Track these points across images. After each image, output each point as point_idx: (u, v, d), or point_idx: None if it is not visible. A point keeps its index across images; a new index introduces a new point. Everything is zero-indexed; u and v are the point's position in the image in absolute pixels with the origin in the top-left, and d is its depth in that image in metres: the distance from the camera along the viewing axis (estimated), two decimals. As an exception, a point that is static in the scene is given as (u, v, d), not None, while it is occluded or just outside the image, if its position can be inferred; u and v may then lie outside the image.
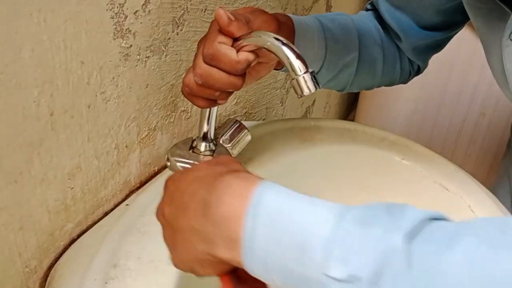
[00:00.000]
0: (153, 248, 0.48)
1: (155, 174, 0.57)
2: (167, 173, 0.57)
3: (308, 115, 1.00)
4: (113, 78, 0.45)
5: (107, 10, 0.42)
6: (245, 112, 0.75)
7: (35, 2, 0.35)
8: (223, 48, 0.42)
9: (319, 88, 0.43)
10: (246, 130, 0.56)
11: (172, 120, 0.57)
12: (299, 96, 0.43)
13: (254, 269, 0.31)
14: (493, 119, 1.06)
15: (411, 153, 0.67)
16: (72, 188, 0.45)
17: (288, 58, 0.42)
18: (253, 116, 0.77)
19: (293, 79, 0.43)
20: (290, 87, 0.87)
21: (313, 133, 0.69)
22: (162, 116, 0.55)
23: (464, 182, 0.63)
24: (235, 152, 0.55)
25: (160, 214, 0.36)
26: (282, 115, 0.87)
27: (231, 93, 0.46)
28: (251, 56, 0.43)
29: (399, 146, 0.68)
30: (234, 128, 0.55)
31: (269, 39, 0.43)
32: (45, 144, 0.40)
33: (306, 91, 0.42)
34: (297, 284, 0.30)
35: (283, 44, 0.43)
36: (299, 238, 0.29)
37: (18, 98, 0.37)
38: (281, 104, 0.86)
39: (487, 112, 1.05)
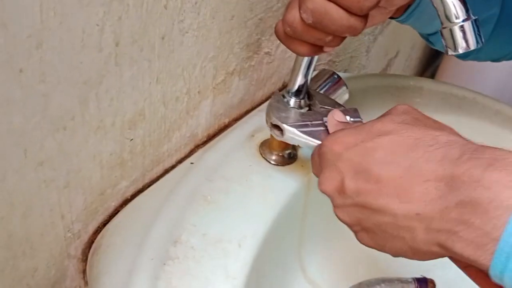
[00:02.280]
0: (221, 224, 0.38)
1: (225, 127, 0.47)
2: (240, 126, 0.47)
3: (389, 68, 0.87)
4: (196, 3, 0.34)
5: None
6: (328, 60, 0.63)
7: None
8: None
9: (482, 44, 0.31)
10: (344, 87, 0.45)
11: (252, 63, 0.46)
12: (448, 53, 0.31)
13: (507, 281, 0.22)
14: None
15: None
16: (131, 140, 0.36)
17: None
18: (336, 65, 0.65)
19: (444, 27, 0.31)
20: (379, 34, 0.74)
21: (412, 95, 0.57)
22: (243, 58, 0.44)
23: None
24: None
25: (338, 190, 0.30)
26: (365, 66, 0.75)
27: (344, 38, 0.34)
28: None
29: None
30: (332, 82, 0.44)
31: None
32: (105, 82, 0.31)
33: (462, 46, 0.31)
34: None
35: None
36: None
37: (78, 19, 0.27)
38: (366, 53, 0.73)
39: None
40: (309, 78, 0.40)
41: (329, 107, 0.41)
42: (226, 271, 0.36)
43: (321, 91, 0.44)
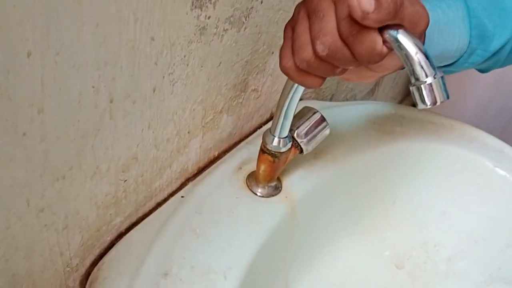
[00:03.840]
0: (209, 256, 0.41)
1: (215, 159, 0.50)
2: (228, 160, 0.50)
3: (376, 88, 0.90)
4: (185, 56, 0.37)
5: (188, -25, 0.33)
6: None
7: (105, -36, 0.27)
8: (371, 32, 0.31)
9: (447, 99, 0.34)
10: (325, 123, 0.48)
11: (240, 100, 0.49)
12: (418, 107, 0.34)
13: None
14: None
15: (507, 161, 0.58)
16: (125, 181, 0.39)
17: (408, 58, 0.33)
18: (323, 91, 0.68)
19: (413, 85, 0.34)
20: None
21: (393, 123, 0.60)
22: (231, 97, 0.47)
23: None
24: (309, 148, 0.47)
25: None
26: (352, 88, 0.78)
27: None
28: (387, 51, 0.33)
29: (493, 150, 0.59)
30: (314, 120, 0.47)
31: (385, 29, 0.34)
32: (100, 134, 0.34)
33: (431, 102, 0.34)
34: None
35: (399, 33, 0.33)
36: None
37: (75, 83, 0.30)
38: (352, 79, 0.76)
39: None
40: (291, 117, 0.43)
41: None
42: (212, 302, 0.39)
43: (304, 128, 0.47)
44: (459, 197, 0.60)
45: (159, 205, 0.45)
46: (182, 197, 0.46)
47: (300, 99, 0.44)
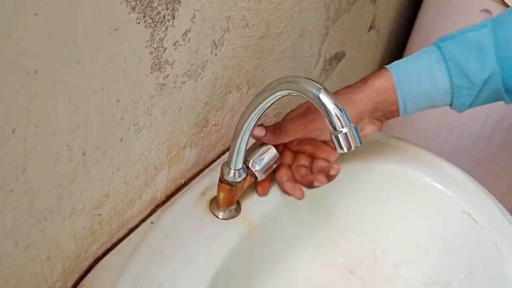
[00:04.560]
0: (175, 275, 0.48)
1: (181, 187, 0.57)
2: (193, 187, 0.57)
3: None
4: (147, 109, 0.44)
5: (146, 47, 0.40)
6: (276, 113, 0.73)
7: (74, 53, 0.34)
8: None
9: (360, 145, 0.41)
10: (276, 153, 0.55)
11: (202, 135, 0.55)
12: (338, 152, 0.42)
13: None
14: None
15: (445, 176, 0.65)
16: (99, 215, 0.45)
17: (327, 111, 0.41)
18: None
19: (332, 134, 0.41)
20: (325, 80, 0.84)
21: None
22: (193, 134, 0.53)
23: (495, 217, 0.62)
24: (262, 175, 0.54)
25: None
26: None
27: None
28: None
29: (432, 167, 0.66)
30: (266, 151, 0.54)
31: (307, 87, 0.41)
32: (76, 181, 0.40)
33: (347, 147, 0.41)
34: None
35: (321, 92, 0.40)
36: None
37: (52, 145, 0.36)
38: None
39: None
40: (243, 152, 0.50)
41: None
42: (177, 316, 0.45)
43: (257, 158, 0.53)
44: (403, 209, 0.67)
45: (131, 231, 0.51)
46: (151, 223, 0.53)
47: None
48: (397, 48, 1.22)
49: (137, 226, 0.52)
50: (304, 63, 0.73)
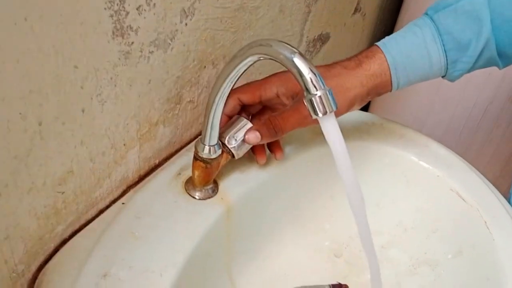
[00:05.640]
0: (146, 256, 0.46)
1: (156, 167, 0.54)
2: (168, 167, 0.54)
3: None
4: (111, 78, 0.41)
5: (105, 9, 0.37)
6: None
7: (20, 9, 0.31)
8: None
9: (335, 109, 0.39)
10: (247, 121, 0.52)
11: (176, 112, 0.53)
12: (313, 117, 0.39)
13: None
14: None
15: (431, 155, 0.63)
16: (63, 193, 0.43)
17: (301, 74, 0.38)
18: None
19: (306, 98, 0.39)
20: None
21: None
22: (165, 110, 0.51)
23: (484, 194, 0.59)
24: (240, 153, 0.52)
25: None
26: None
27: None
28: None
29: (418, 146, 0.64)
30: (242, 127, 0.51)
31: (280, 50, 0.39)
32: (33, 154, 0.38)
33: (319, 113, 0.38)
34: None
35: (296, 56, 0.38)
36: None
37: (2, 112, 0.33)
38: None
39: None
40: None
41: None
42: (148, 298, 0.43)
43: (232, 134, 0.51)
44: (389, 189, 0.65)
45: (101, 212, 0.49)
46: (123, 203, 0.50)
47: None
48: (385, 34, 1.19)
49: (107, 207, 0.50)
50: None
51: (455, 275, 0.57)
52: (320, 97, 0.38)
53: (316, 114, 0.38)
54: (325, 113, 0.38)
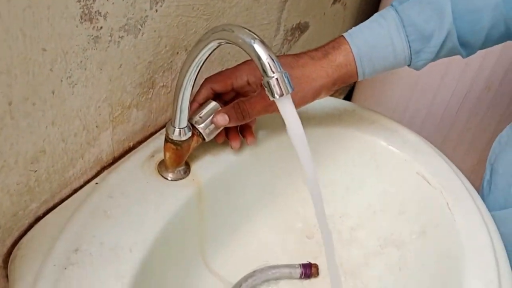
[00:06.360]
0: (117, 234, 0.48)
1: (130, 149, 0.56)
2: (142, 149, 0.56)
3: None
4: (81, 61, 0.43)
5: (72, -6, 0.39)
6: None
7: (-14, -7, 0.33)
8: None
9: (291, 91, 0.41)
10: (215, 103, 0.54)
11: (149, 96, 0.55)
12: (271, 99, 0.41)
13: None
14: (498, 94, 1.03)
15: (400, 140, 0.65)
16: (35, 171, 0.45)
17: (260, 58, 0.40)
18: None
19: (264, 80, 0.41)
20: (294, 44, 0.84)
21: (299, 110, 0.67)
22: (138, 94, 0.53)
23: (447, 177, 0.62)
24: (210, 136, 0.54)
25: None
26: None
27: None
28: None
29: (388, 131, 0.66)
30: (210, 109, 0.53)
31: (241, 36, 0.41)
32: (3, 133, 0.39)
33: (276, 95, 0.41)
34: None
35: (255, 42, 0.40)
36: None
37: (-29, 91, 0.35)
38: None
39: (492, 87, 1.02)
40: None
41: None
42: (117, 272, 0.45)
43: (201, 116, 0.53)
44: (359, 174, 0.67)
45: (75, 191, 0.51)
46: (96, 183, 0.52)
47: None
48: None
49: (81, 187, 0.52)
50: (262, 30, 0.72)
51: (418, 254, 0.60)
52: (277, 79, 0.40)
53: (273, 96, 0.41)
54: (281, 94, 0.40)
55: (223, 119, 0.51)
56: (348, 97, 1.29)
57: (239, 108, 0.51)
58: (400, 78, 1.08)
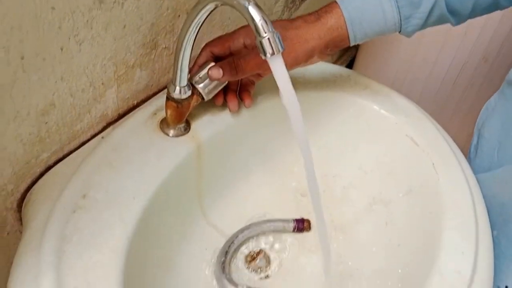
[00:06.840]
0: (121, 183, 0.52)
1: (134, 107, 0.60)
2: (145, 107, 0.60)
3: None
4: (87, 21, 0.46)
5: (78, -44, 0.42)
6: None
7: (0, -47, 0.36)
8: None
9: (282, 50, 0.44)
10: (221, 71, 0.57)
11: (152, 57, 0.58)
12: (263, 58, 0.44)
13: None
14: (494, 65, 1.05)
15: (391, 105, 0.68)
16: (46, 123, 0.48)
17: (253, 20, 0.43)
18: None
19: (257, 40, 0.44)
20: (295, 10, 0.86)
21: (296, 76, 0.70)
22: (141, 54, 0.56)
23: (435, 140, 0.65)
24: (209, 95, 0.57)
25: None
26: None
27: None
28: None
29: (381, 96, 0.69)
30: (208, 67, 0.56)
31: (240, 1, 0.44)
32: (16, 85, 0.43)
33: (268, 54, 0.44)
34: None
35: (250, 4, 0.43)
36: None
37: (-13, 45, 0.39)
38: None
39: (489, 58, 1.04)
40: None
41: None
42: (121, 216, 0.49)
43: (201, 75, 0.56)
44: (353, 136, 0.70)
45: (83, 144, 0.55)
46: (102, 137, 0.56)
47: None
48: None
49: (88, 140, 0.55)
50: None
51: (404, 210, 0.64)
52: (268, 39, 0.43)
53: (265, 54, 0.44)
54: (273, 53, 0.44)
55: (217, 72, 0.54)
56: (349, 65, 1.32)
57: (233, 63, 0.54)
58: (400, 49, 1.10)
